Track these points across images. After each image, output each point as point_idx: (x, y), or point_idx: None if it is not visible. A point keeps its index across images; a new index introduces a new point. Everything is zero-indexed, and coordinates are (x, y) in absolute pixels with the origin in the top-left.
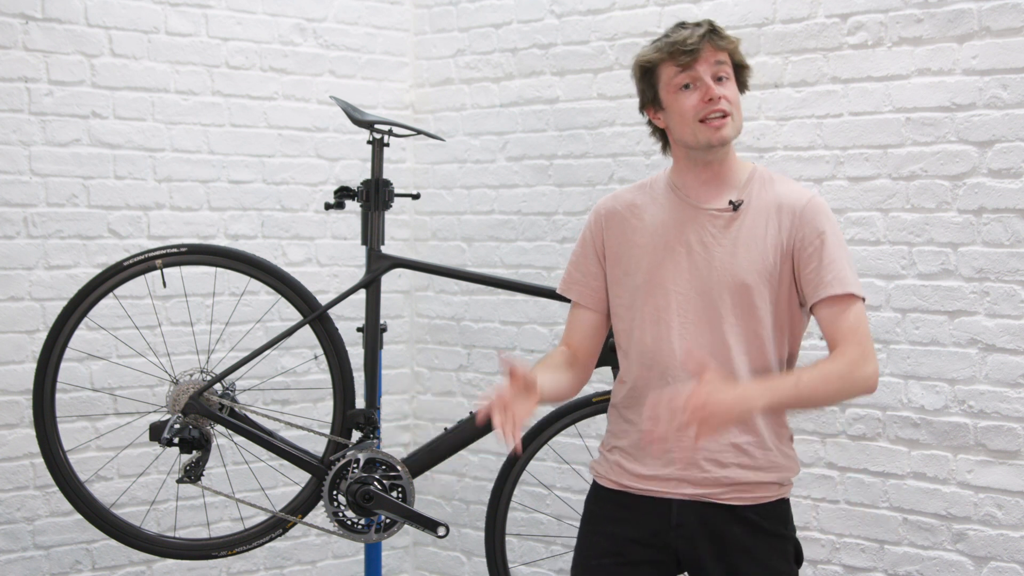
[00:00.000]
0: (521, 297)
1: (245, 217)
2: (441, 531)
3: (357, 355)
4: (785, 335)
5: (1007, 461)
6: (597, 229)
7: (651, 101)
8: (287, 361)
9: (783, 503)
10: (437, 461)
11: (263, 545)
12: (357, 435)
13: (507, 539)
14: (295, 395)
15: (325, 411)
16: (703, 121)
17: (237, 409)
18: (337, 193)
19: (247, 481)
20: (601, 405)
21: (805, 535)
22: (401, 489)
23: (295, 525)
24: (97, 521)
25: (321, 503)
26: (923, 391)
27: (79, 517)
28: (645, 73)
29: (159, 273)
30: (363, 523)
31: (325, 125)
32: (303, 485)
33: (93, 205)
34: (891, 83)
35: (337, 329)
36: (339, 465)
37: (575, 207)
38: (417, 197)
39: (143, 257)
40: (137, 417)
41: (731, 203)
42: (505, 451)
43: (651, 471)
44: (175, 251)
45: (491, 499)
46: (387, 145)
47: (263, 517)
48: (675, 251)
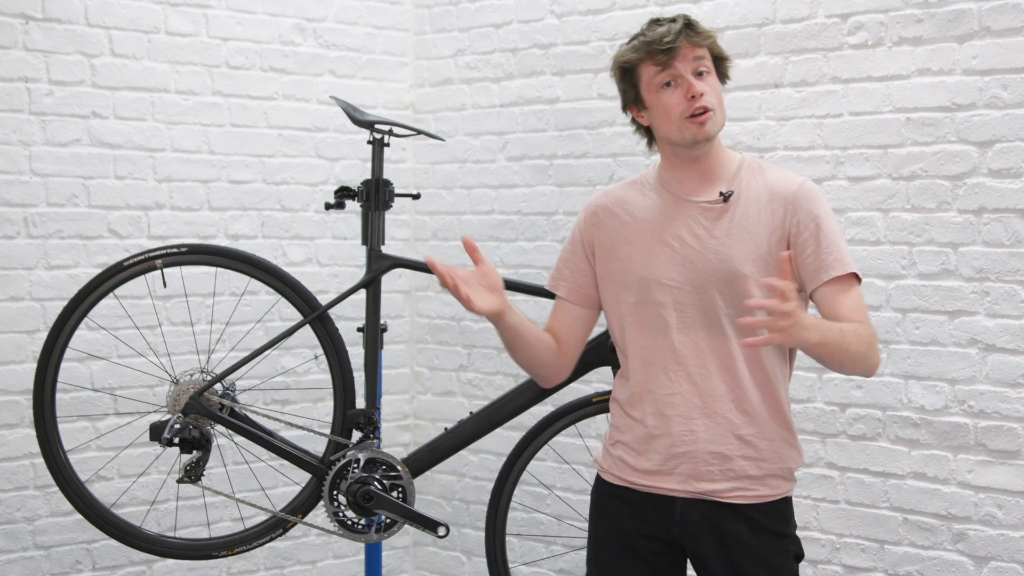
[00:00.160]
0: (521, 297)
1: (245, 217)
2: (441, 531)
3: (357, 355)
4: None
5: (1007, 461)
6: (587, 227)
7: (633, 101)
8: (287, 361)
9: (785, 502)
10: (437, 461)
11: (263, 545)
12: (357, 435)
13: (507, 539)
14: (295, 395)
15: (325, 411)
16: (687, 118)
17: (237, 409)
18: (337, 193)
19: (247, 481)
20: (601, 405)
21: (805, 535)
22: (401, 489)
23: (295, 525)
24: (97, 521)
25: (321, 503)
26: (923, 391)
27: (79, 517)
28: (625, 74)
29: (159, 273)
30: (363, 523)
31: (325, 125)
32: (303, 485)
33: (93, 205)
34: (891, 83)
35: (337, 329)
36: (339, 465)
37: (575, 207)
38: (417, 197)
39: (143, 257)
40: (137, 417)
41: (721, 194)
42: (505, 451)
43: (655, 467)
44: (175, 251)
45: (491, 499)
46: (387, 145)
47: (263, 517)
48: (668, 246)
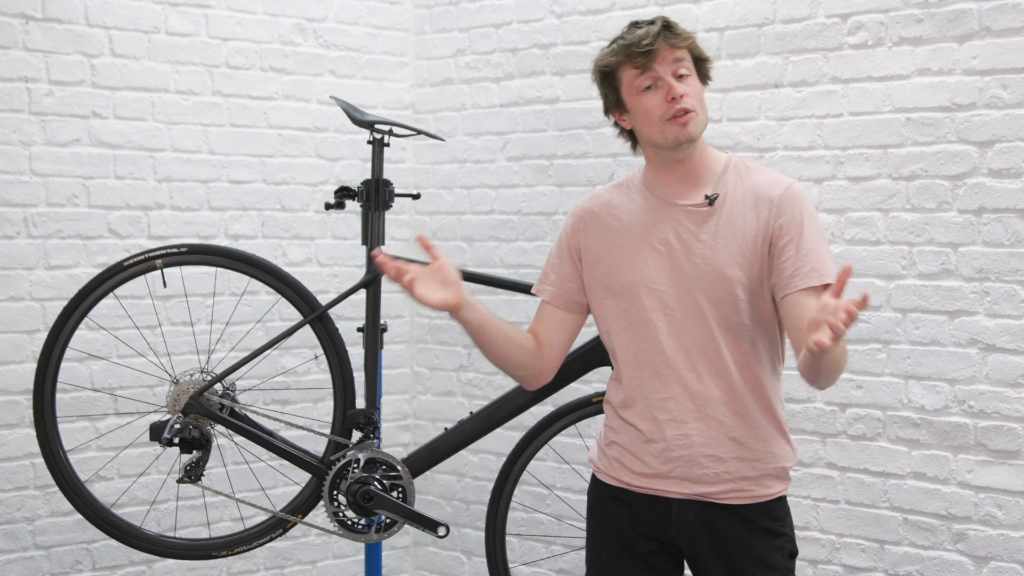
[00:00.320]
0: (521, 297)
1: (245, 217)
2: (441, 531)
3: (357, 355)
4: (770, 327)
5: (1007, 461)
6: (574, 232)
7: (615, 104)
8: (287, 361)
9: (780, 500)
10: (437, 461)
11: (263, 545)
12: (357, 435)
13: (507, 539)
14: (295, 395)
15: (325, 411)
16: (668, 120)
17: (237, 409)
18: (337, 193)
19: (247, 481)
20: (601, 405)
21: (805, 535)
22: (401, 489)
23: (295, 525)
24: (97, 521)
25: (321, 503)
26: (923, 391)
27: (79, 517)
28: (605, 77)
29: (159, 273)
30: (363, 523)
31: (325, 125)
32: (303, 485)
33: (93, 205)
34: (891, 83)
35: (337, 329)
36: (339, 465)
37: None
38: (417, 197)
39: (143, 257)
40: (137, 417)
41: (707, 197)
42: (505, 451)
43: (651, 469)
44: (175, 251)
45: (491, 499)
46: (387, 145)
47: (263, 517)
48: (655, 250)
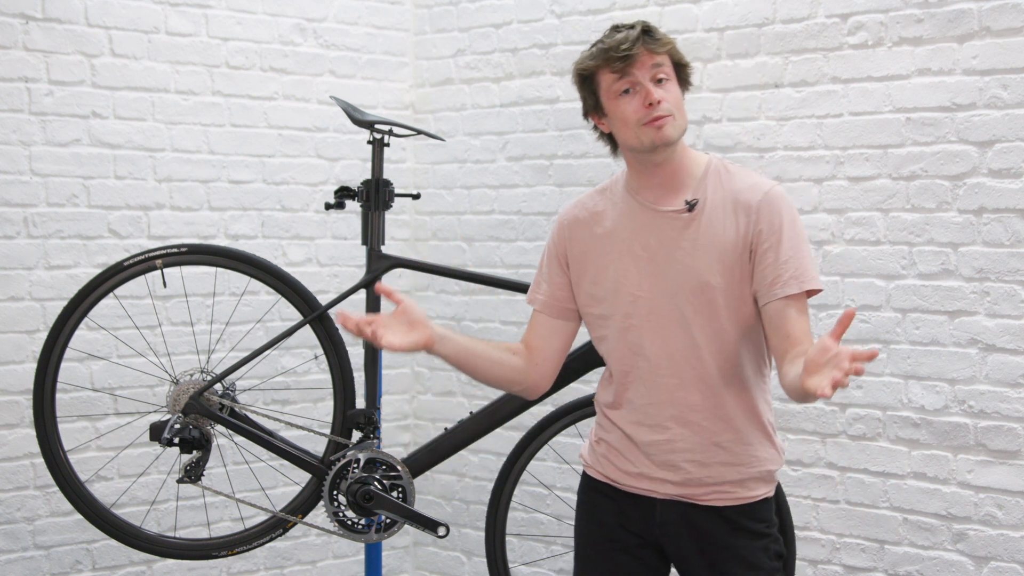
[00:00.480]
0: (521, 297)
1: (245, 217)
2: (441, 531)
3: (357, 355)
4: (753, 331)
5: (1007, 461)
6: (560, 240)
7: (593, 108)
8: (287, 361)
9: (765, 502)
10: (437, 461)
11: (263, 545)
12: (357, 435)
13: (507, 539)
14: (295, 395)
15: (325, 411)
16: (643, 124)
17: (237, 409)
18: (337, 193)
19: (247, 481)
20: None
21: (805, 535)
22: (401, 489)
23: (295, 525)
24: (97, 521)
25: (321, 503)
26: (923, 391)
27: (79, 517)
28: (584, 81)
29: (159, 273)
30: (363, 523)
31: (325, 125)
32: (303, 485)
33: (93, 205)
34: (891, 83)
35: (337, 329)
36: (339, 465)
37: None
38: (417, 197)
39: (143, 257)
40: (137, 417)
41: (687, 203)
42: (505, 451)
43: (637, 469)
44: (175, 251)
45: (491, 499)
46: (387, 145)
47: (263, 517)
48: (638, 256)
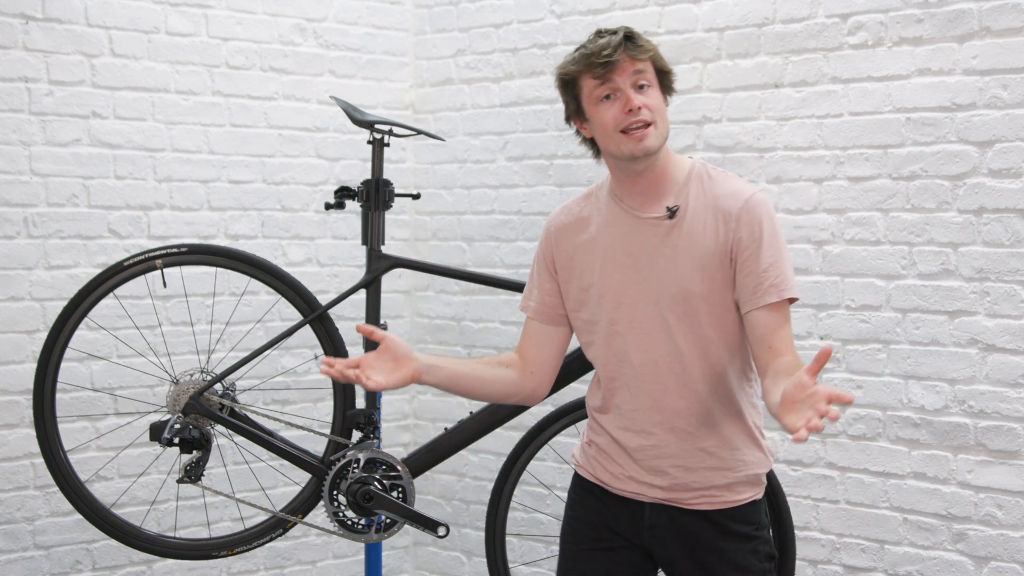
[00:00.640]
0: (521, 297)
1: (245, 217)
2: (441, 531)
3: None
4: (737, 338)
5: (1007, 461)
6: (548, 246)
7: (575, 113)
8: (287, 361)
9: (753, 505)
10: (437, 461)
11: (263, 545)
12: (357, 435)
13: (507, 539)
14: (295, 395)
15: (325, 411)
16: (624, 132)
17: (237, 409)
18: (337, 193)
19: (247, 481)
20: None
21: (805, 535)
22: (401, 489)
23: (295, 525)
24: (97, 521)
25: (321, 503)
26: (923, 391)
27: (79, 517)
28: (566, 85)
29: (159, 273)
30: (363, 523)
31: (325, 125)
32: (303, 485)
33: (93, 205)
34: (891, 83)
35: (337, 329)
36: (339, 465)
37: None
38: (417, 197)
39: (143, 257)
40: (137, 417)
41: (668, 209)
42: (505, 451)
43: (626, 472)
44: (175, 251)
45: (491, 499)
46: (387, 145)
47: (263, 517)
48: (622, 263)
